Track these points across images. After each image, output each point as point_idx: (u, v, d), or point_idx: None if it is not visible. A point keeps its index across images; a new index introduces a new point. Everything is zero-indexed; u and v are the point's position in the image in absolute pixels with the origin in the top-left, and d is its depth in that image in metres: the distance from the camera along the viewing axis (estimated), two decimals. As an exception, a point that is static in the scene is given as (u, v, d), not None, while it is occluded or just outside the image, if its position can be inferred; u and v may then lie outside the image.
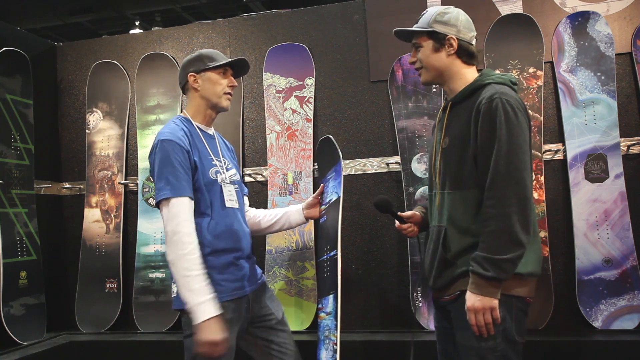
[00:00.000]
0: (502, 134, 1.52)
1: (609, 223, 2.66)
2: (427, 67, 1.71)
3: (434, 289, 1.72)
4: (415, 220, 1.85)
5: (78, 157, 3.51)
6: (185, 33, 3.42)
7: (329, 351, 2.05)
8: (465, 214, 1.62)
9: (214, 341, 1.66)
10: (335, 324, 2.02)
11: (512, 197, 1.50)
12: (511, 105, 1.54)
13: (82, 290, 3.29)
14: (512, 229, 1.49)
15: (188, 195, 1.76)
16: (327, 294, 2.15)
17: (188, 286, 1.69)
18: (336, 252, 2.08)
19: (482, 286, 1.52)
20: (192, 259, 1.71)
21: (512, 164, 1.51)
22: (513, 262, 1.51)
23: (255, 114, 3.25)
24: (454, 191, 1.65)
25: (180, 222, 1.72)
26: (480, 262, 1.52)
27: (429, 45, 1.70)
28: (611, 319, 2.62)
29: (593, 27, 2.77)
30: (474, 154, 1.59)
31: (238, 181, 2.00)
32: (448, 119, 1.70)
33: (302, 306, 2.95)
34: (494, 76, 1.66)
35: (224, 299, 1.79)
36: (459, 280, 1.62)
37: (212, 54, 1.94)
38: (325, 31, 3.17)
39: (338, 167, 2.24)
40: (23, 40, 3.31)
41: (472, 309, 1.54)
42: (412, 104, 2.96)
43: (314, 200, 2.22)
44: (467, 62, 1.71)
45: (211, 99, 1.92)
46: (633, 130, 2.75)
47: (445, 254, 1.64)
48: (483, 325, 1.53)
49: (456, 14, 1.71)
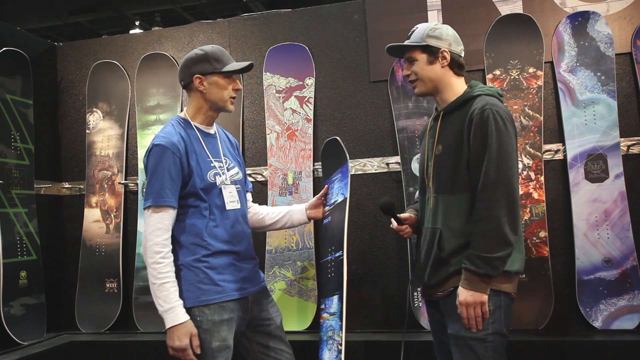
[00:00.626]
0: (493, 142, 1.65)
1: (609, 223, 2.66)
2: (423, 79, 1.82)
3: (428, 286, 1.82)
4: (411, 222, 1.93)
5: (78, 157, 3.51)
6: (185, 33, 3.42)
7: (333, 351, 2.05)
8: (459, 217, 1.73)
9: (179, 347, 1.72)
10: (340, 324, 2.03)
11: (501, 200, 1.63)
12: (501, 116, 1.67)
13: (82, 290, 3.29)
14: (502, 229, 1.62)
15: (169, 205, 1.77)
16: (332, 295, 2.15)
17: (155, 293, 1.74)
18: (342, 253, 2.10)
19: (474, 282, 1.64)
20: (158, 267, 1.73)
21: (502, 169, 1.64)
22: (503, 260, 1.64)
23: (255, 114, 3.25)
24: (448, 195, 1.75)
25: (152, 231, 1.75)
26: (473, 260, 1.64)
27: (424, 59, 1.81)
28: (611, 319, 2.62)
29: (593, 27, 2.77)
30: (467, 160, 1.71)
31: (240, 180, 1.98)
32: (440, 128, 1.81)
33: (302, 306, 2.95)
34: (483, 88, 1.78)
35: (222, 299, 1.79)
36: (452, 277, 1.73)
37: (219, 54, 1.88)
38: (325, 31, 3.17)
39: (344, 168, 2.25)
40: (23, 40, 3.31)
41: (464, 303, 1.65)
42: (412, 104, 2.96)
43: (317, 201, 2.22)
44: (458, 73, 1.83)
45: (217, 103, 1.89)
46: (633, 130, 2.75)
47: (440, 253, 1.74)
48: (473, 318, 1.65)
49: (446, 29, 1.83)
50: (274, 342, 1.95)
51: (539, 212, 2.73)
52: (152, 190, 1.77)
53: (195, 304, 1.78)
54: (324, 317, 2.21)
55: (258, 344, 1.95)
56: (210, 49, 1.89)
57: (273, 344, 1.95)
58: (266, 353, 1.94)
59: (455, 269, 1.72)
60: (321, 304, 2.28)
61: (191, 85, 1.89)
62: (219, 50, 1.90)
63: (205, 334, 1.77)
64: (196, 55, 1.88)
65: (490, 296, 1.65)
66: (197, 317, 1.77)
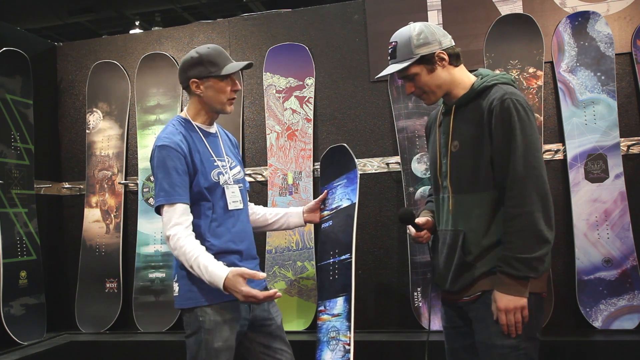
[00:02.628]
0: (517, 135, 1.54)
1: (609, 223, 2.66)
2: (431, 89, 1.70)
3: (451, 292, 1.71)
4: (428, 227, 1.85)
5: (78, 157, 3.51)
6: (185, 33, 3.42)
7: (338, 352, 2.06)
8: (483, 217, 1.62)
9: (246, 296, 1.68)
10: (348, 325, 2.05)
11: (533, 195, 1.53)
12: (522, 105, 1.57)
13: (82, 290, 3.29)
14: (537, 227, 1.52)
15: (181, 201, 1.77)
16: (335, 297, 2.17)
17: (195, 271, 1.73)
18: (349, 256, 2.11)
19: (512, 285, 1.54)
20: (187, 252, 1.73)
21: (530, 162, 1.54)
22: (542, 260, 1.53)
23: (255, 114, 3.25)
24: (470, 194, 1.65)
25: (171, 227, 1.75)
26: (509, 262, 1.53)
27: (424, 71, 1.69)
28: (611, 319, 2.62)
29: (593, 27, 2.77)
30: (489, 155, 1.60)
31: (242, 179, 1.99)
32: (454, 122, 1.69)
33: (302, 306, 2.95)
34: (497, 76, 1.67)
35: (225, 299, 1.79)
36: (479, 281, 1.63)
37: (214, 57, 1.85)
38: (325, 31, 3.17)
39: (352, 174, 2.27)
40: (23, 40, 3.31)
41: (503, 309, 1.55)
42: (412, 104, 2.96)
43: (315, 205, 2.23)
44: (456, 65, 1.72)
45: (215, 106, 1.88)
46: (633, 130, 2.75)
47: (465, 257, 1.64)
48: (513, 325, 1.55)
49: (427, 29, 1.69)
50: (275, 342, 1.95)
51: (539, 212, 2.73)
52: (162, 189, 1.76)
53: (198, 305, 1.78)
54: (324, 319, 2.22)
55: (259, 344, 1.94)
56: (206, 51, 1.85)
57: (274, 344, 1.95)
58: (267, 353, 1.94)
59: (482, 272, 1.61)
60: (320, 305, 2.29)
61: (189, 88, 1.89)
62: (215, 51, 1.86)
63: (208, 334, 1.77)
64: (191, 59, 1.85)
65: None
66: (199, 318, 1.78)
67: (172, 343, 2.91)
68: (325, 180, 2.45)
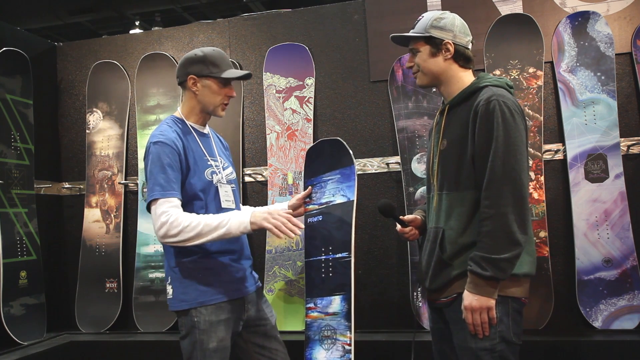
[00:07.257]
0: (499, 135, 1.54)
1: (609, 223, 2.66)
2: (424, 71, 1.73)
3: (430, 291, 1.72)
4: (416, 224, 1.86)
5: (78, 157, 3.51)
6: (185, 33, 3.42)
7: (335, 351, 2.06)
8: (462, 215, 1.63)
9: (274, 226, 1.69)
10: (347, 324, 2.04)
11: (508, 197, 1.52)
12: (508, 107, 1.57)
13: (82, 290, 3.29)
14: (510, 228, 1.51)
15: (176, 197, 1.76)
16: (329, 295, 2.16)
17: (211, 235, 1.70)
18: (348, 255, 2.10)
19: (480, 286, 1.54)
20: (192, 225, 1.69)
21: (509, 164, 1.53)
22: (511, 262, 1.52)
23: (255, 114, 3.25)
24: (452, 192, 1.66)
25: (167, 214, 1.71)
26: (478, 262, 1.53)
27: (426, 50, 1.71)
28: (611, 319, 2.62)
29: (593, 27, 2.77)
30: (471, 155, 1.61)
31: (234, 180, 2.00)
32: (446, 122, 1.72)
33: (302, 306, 2.95)
34: (491, 79, 1.68)
35: (219, 300, 1.79)
36: (455, 282, 1.63)
37: (217, 59, 1.87)
38: (325, 31, 3.17)
39: (348, 170, 2.25)
40: (23, 40, 3.31)
41: (469, 308, 1.56)
42: (412, 104, 2.96)
43: (297, 202, 2.18)
44: (463, 66, 1.72)
45: (207, 106, 1.89)
46: (633, 130, 2.75)
47: (442, 254, 1.64)
48: (479, 325, 1.55)
49: (452, 19, 1.72)
50: (270, 342, 1.96)
51: (539, 212, 2.73)
52: (157, 183, 1.74)
53: (193, 305, 1.78)
54: (314, 317, 2.20)
55: (254, 344, 1.95)
56: (211, 52, 1.87)
57: (269, 344, 1.95)
58: (262, 353, 1.94)
59: (458, 272, 1.61)
60: (309, 302, 2.26)
61: (185, 84, 1.89)
62: (219, 54, 1.88)
63: (203, 334, 1.77)
64: (195, 56, 1.87)
65: (497, 302, 1.55)
66: (194, 318, 1.77)
67: (172, 343, 2.91)
68: (312, 174, 2.40)
